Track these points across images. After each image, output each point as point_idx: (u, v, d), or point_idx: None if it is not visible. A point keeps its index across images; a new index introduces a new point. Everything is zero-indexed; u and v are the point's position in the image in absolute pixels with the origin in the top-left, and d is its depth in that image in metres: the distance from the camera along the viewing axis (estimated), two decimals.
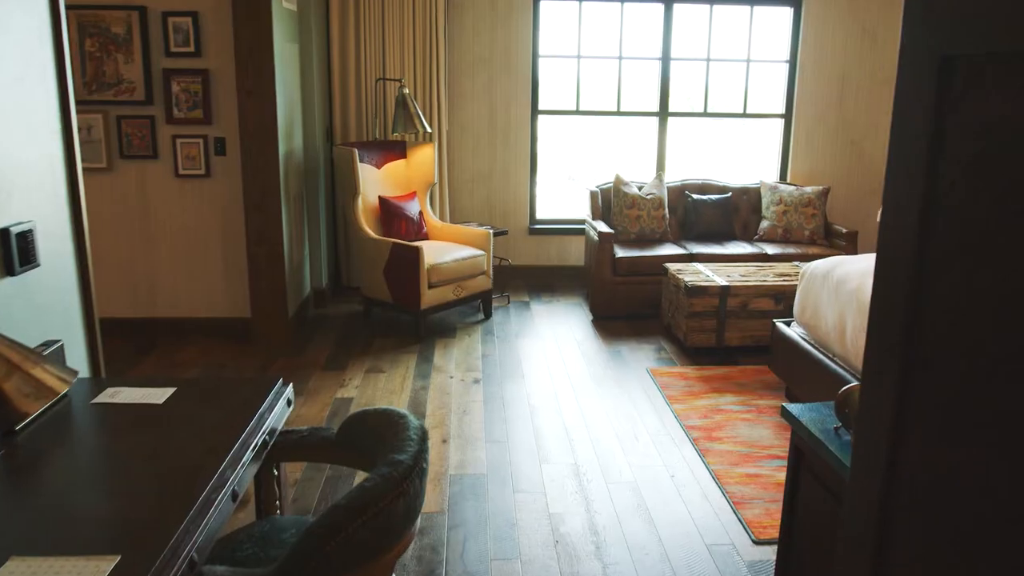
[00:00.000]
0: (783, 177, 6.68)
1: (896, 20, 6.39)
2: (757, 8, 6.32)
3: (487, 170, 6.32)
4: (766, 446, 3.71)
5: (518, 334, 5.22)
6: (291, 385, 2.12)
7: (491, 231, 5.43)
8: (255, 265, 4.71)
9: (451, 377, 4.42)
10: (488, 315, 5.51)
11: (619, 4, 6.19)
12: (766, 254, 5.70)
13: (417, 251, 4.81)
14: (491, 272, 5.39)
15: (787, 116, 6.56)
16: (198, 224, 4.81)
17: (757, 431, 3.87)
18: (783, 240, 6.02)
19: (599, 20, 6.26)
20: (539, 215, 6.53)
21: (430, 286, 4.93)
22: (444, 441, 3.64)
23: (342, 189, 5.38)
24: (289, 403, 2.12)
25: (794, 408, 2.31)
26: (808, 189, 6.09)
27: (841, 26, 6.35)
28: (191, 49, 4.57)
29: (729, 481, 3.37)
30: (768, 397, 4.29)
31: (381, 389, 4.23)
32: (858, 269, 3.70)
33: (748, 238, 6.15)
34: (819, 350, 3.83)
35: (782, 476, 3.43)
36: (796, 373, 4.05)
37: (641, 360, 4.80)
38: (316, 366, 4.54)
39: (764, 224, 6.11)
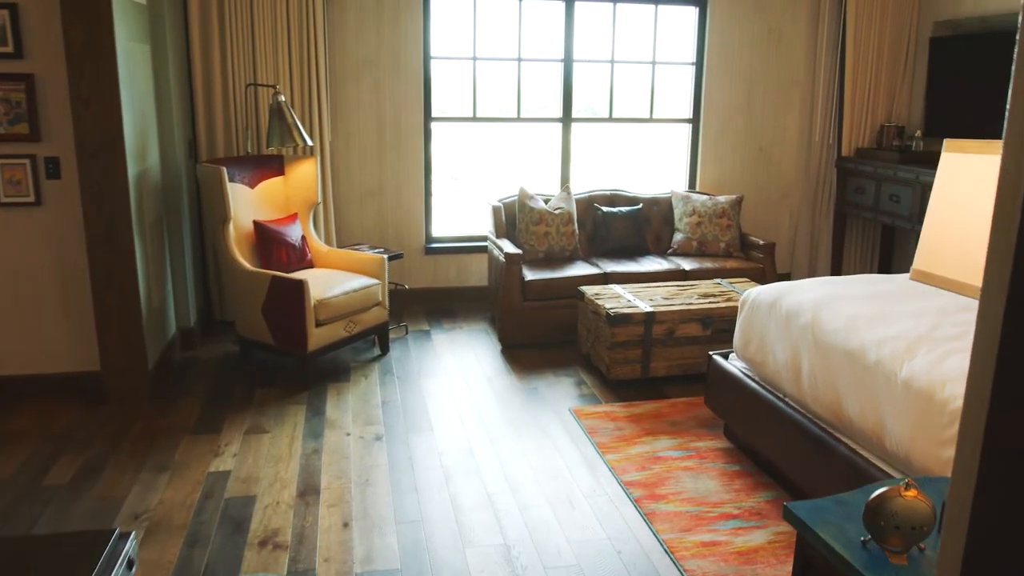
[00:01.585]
0: (692, 185, 6.35)
1: (801, 19, 6.16)
2: (662, 7, 5.95)
3: (377, 185, 5.68)
4: (715, 503, 3.28)
5: (421, 371, 4.62)
6: (134, 537, 1.48)
7: (385, 256, 4.80)
8: (104, 311, 3.91)
9: (348, 434, 3.79)
10: (385, 350, 4.89)
11: (517, 1, 5.68)
12: (683, 270, 5.33)
13: (301, 285, 4.13)
14: (387, 302, 4.77)
15: (694, 121, 6.23)
16: (28, 263, 3.96)
17: (702, 483, 3.44)
18: (698, 253, 5.67)
19: (496, 19, 5.73)
20: (435, 232, 5.95)
21: (318, 324, 4.27)
22: (346, 525, 3.01)
23: (210, 213, 4.63)
24: (131, 565, 1.49)
25: (802, 510, 1.84)
26: (721, 198, 5.77)
27: (747, 26, 6.06)
28: (9, 49, 3.73)
29: (684, 555, 2.90)
30: (706, 437, 3.88)
31: (264, 456, 3.55)
32: (809, 300, 3.31)
33: (662, 252, 5.78)
34: (766, 389, 3.43)
35: (740, 542, 3.00)
36: (737, 411, 3.64)
37: (561, 398, 4.30)
38: (184, 429, 3.80)
39: (678, 237, 5.75)
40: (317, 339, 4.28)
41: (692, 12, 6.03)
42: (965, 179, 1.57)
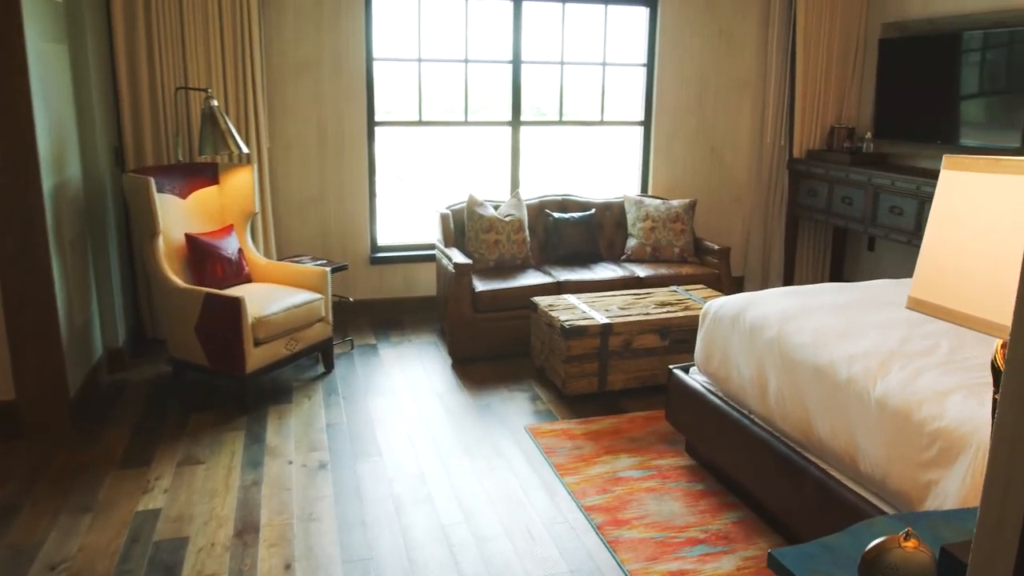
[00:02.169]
0: (644, 189, 6.23)
1: (751, 20, 6.08)
2: (612, 8, 5.81)
3: (319, 193, 5.42)
4: (681, 526, 3.12)
5: (367, 390, 4.39)
6: None
7: (328, 268, 4.55)
8: (18, 336, 3.59)
9: (290, 463, 3.54)
10: (330, 368, 4.64)
11: (463, 1, 5.47)
12: (638, 277, 5.19)
13: (237, 303, 3.87)
14: (331, 317, 4.53)
15: (646, 123, 6.11)
16: None
17: (666, 505, 3.28)
18: (652, 259, 5.54)
19: (441, 19, 5.52)
20: (381, 241, 5.71)
21: (257, 343, 4.01)
22: (288, 567, 2.78)
23: (137, 227, 4.33)
24: None
25: (788, 558, 1.68)
26: (675, 202, 5.65)
27: (698, 27, 5.96)
28: None
29: None
30: (667, 454, 3.73)
31: (199, 491, 3.28)
32: (774, 313, 3.18)
33: (615, 258, 5.64)
34: (731, 405, 3.30)
35: (709, 570, 2.85)
36: (700, 428, 3.50)
37: (516, 415, 4.11)
38: (110, 462, 3.51)
39: (631, 242, 5.61)
40: (256, 359, 4.01)
41: (643, 13, 5.90)
42: (968, 199, 1.41)
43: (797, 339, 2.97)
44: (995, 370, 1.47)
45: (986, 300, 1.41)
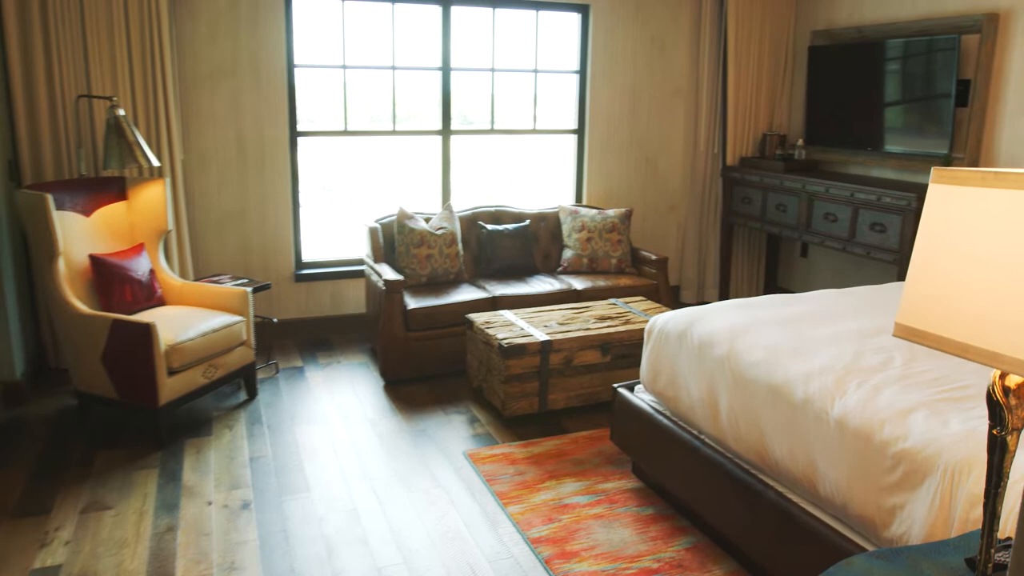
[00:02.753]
0: (579, 199, 6.10)
1: (683, 27, 6.02)
2: (543, 13, 5.66)
3: (239, 208, 5.10)
4: (633, 556, 2.96)
5: (294, 417, 4.11)
6: None
7: (250, 288, 4.26)
8: None
9: (209, 503, 3.25)
10: (253, 395, 4.34)
11: (390, 4, 5.24)
12: (575, 290, 5.04)
13: (148, 329, 3.55)
14: (253, 340, 4.23)
15: (579, 131, 5.98)
16: None
17: (616, 533, 3.11)
18: (589, 271, 5.40)
19: (367, 24, 5.27)
20: (306, 257, 5.42)
21: (171, 372, 3.70)
22: None
23: (35, 247, 3.96)
24: None
25: None
26: (611, 212, 5.53)
27: (630, 34, 5.87)
28: None
29: None
30: (614, 476, 3.57)
31: (106, 541, 2.96)
32: (724, 328, 3.05)
33: (551, 270, 5.48)
34: (680, 426, 3.15)
35: None
36: (648, 449, 3.35)
37: (453, 440, 3.90)
38: (2, 511, 3.16)
39: (567, 254, 5.46)
40: (170, 390, 3.70)
41: (574, 19, 5.77)
42: (961, 217, 1.27)
43: (749, 357, 2.84)
44: (992, 401, 1.34)
45: (983, 327, 1.25)
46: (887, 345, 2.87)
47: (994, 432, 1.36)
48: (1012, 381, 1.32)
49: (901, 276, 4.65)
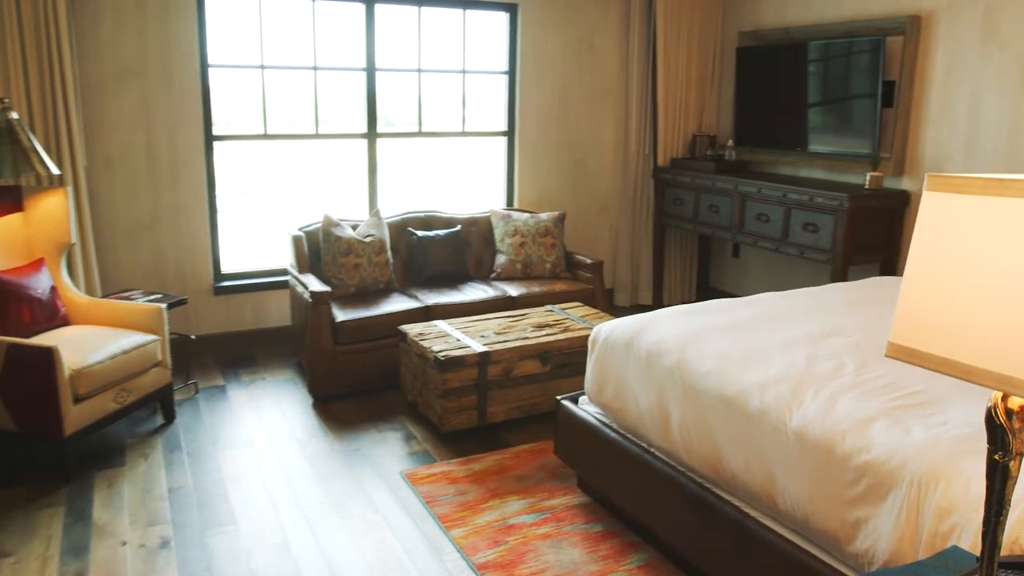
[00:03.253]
0: (510, 203, 5.96)
1: (612, 28, 5.95)
2: (471, 12, 5.50)
3: (151, 218, 4.77)
4: None
5: (216, 441, 3.84)
6: None
7: (164, 305, 3.96)
8: None
9: (124, 543, 2.97)
10: (171, 418, 4.04)
11: (310, 1, 4.99)
12: (510, 297, 4.90)
13: (49, 353, 3.24)
14: (169, 359, 3.94)
15: (510, 133, 5.84)
16: None
17: (565, 553, 2.97)
18: (524, 276, 5.27)
19: (286, 21, 5.01)
20: (226, 268, 5.12)
21: (77, 399, 3.38)
22: None
23: None
24: None
25: None
26: (543, 216, 5.40)
27: (559, 34, 5.76)
28: None
29: None
30: (559, 492, 3.43)
31: None
32: (671, 337, 2.95)
33: (484, 277, 5.32)
34: (628, 439, 3.03)
35: None
36: (594, 463, 3.23)
37: (389, 459, 3.70)
38: None
39: (501, 259, 5.31)
40: (77, 418, 3.39)
41: (503, 18, 5.63)
42: (960, 227, 1.15)
43: (700, 367, 2.74)
44: (994, 425, 1.24)
45: (990, 348, 1.13)
46: (837, 349, 2.82)
47: (996, 457, 1.26)
48: (1015, 403, 1.23)
49: (835, 276, 4.67)
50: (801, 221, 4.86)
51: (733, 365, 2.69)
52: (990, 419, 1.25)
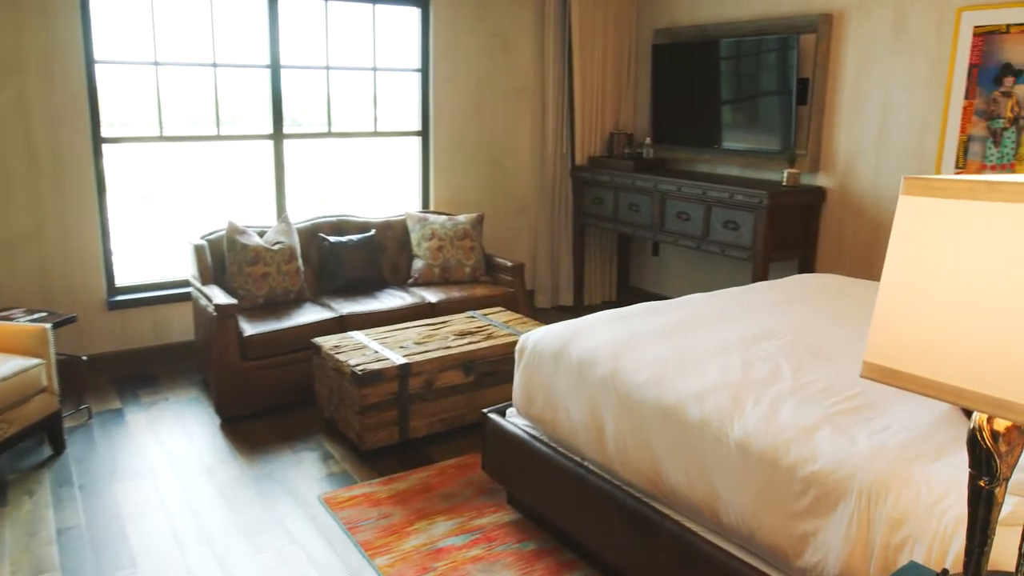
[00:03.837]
0: (426, 205, 5.75)
1: (526, 24, 5.82)
2: (380, 7, 5.27)
3: (33, 228, 4.37)
4: None
5: (114, 472, 3.52)
6: None
7: (49, 325, 3.61)
8: None
9: None
10: (60, 449, 3.68)
11: None
12: (429, 303, 4.71)
13: None
14: (56, 384, 3.60)
15: (424, 133, 5.64)
16: None
17: None
18: (442, 281, 5.08)
19: (182, 14, 4.67)
20: (121, 281, 4.75)
21: None
22: None
23: None
24: None
25: None
26: (461, 218, 5.23)
27: (472, 30, 5.59)
28: None
29: None
30: (488, 510, 3.27)
31: None
32: (603, 345, 2.82)
33: (401, 283, 5.11)
34: (560, 452, 2.89)
35: None
36: (525, 478, 3.08)
37: (306, 482, 3.46)
38: None
39: (418, 264, 5.11)
40: None
41: (414, 13, 5.42)
42: (943, 235, 1.04)
43: (634, 376, 2.62)
44: (979, 449, 1.14)
45: (980, 368, 1.01)
46: (771, 352, 2.74)
47: (980, 484, 1.16)
48: (1001, 424, 1.13)
49: (756, 273, 4.66)
50: (722, 219, 4.83)
51: (669, 373, 2.58)
52: (974, 442, 1.15)
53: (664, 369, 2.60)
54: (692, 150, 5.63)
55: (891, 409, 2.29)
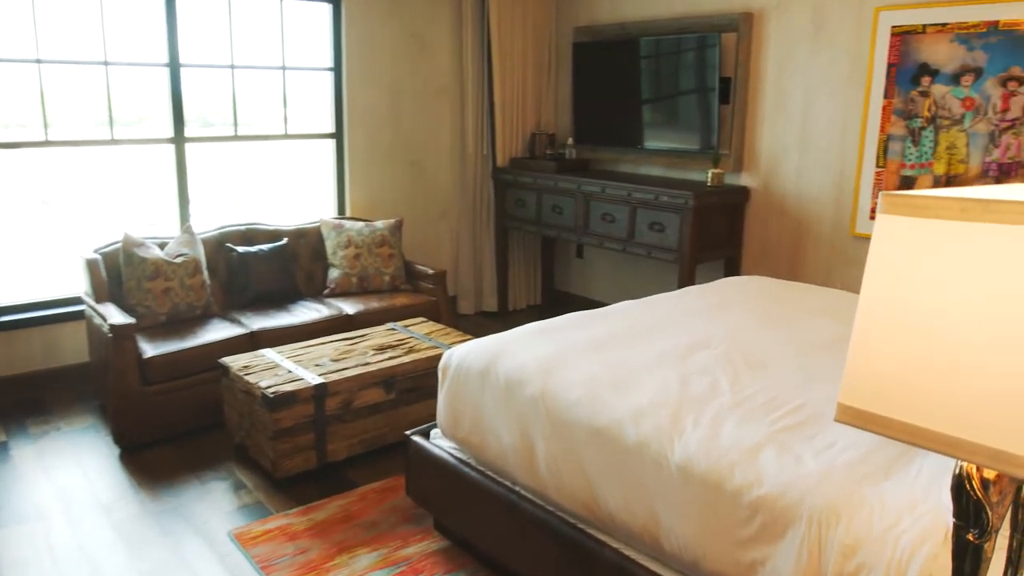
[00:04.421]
0: (342, 211, 5.49)
1: (444, 22, 5.61)
2: (289, 2, 4.98)
3: None
4: None
5: None
6: None
7: None
8: None
9: None
10: None
11: None
12: (347, 315, 4.47)
13: None
14: None
15: (338, 135, 5.37)
16: None
17: None
18: (360, 291, 4.84)
19: (68, 8, 4.29)
20: (3, 300, 4.34)
21: None
22: None
23: None
24: None
25: None
26: (379, 224, 5.00)
27: (387, 28, 5.35)
28: None
29: None
30: (414, 538, 3.06)
31: None
32: (532, 362, 2.65)
33: (317, 294, 4.84)
34: (490, 476, 2.71)
35: None
36: (452, 504, 2.89)
37: (215, 516, 3.19)
38: None
39: (334, 274, 4.86)
40: None
41: (325, 9, 5.15)
42: (927, 260, 0.89)
43: (566, 395, 2.46)
44: (968, 500, 1.01)
45: (974, 415, 0.85)
46: (708, 364, 2.63)
47: (969, 538, 1.03)
48: (990, 471, 1.00)
49: (682, 275, 4.58)
50: (647, 220, 4.74)
51: (603, 391, 2.43)
52: (960, 491, 1.02)
53: (597, 387, 2.45)
54: (615, 150, 5.54)
55: (833, 424, 2.19)
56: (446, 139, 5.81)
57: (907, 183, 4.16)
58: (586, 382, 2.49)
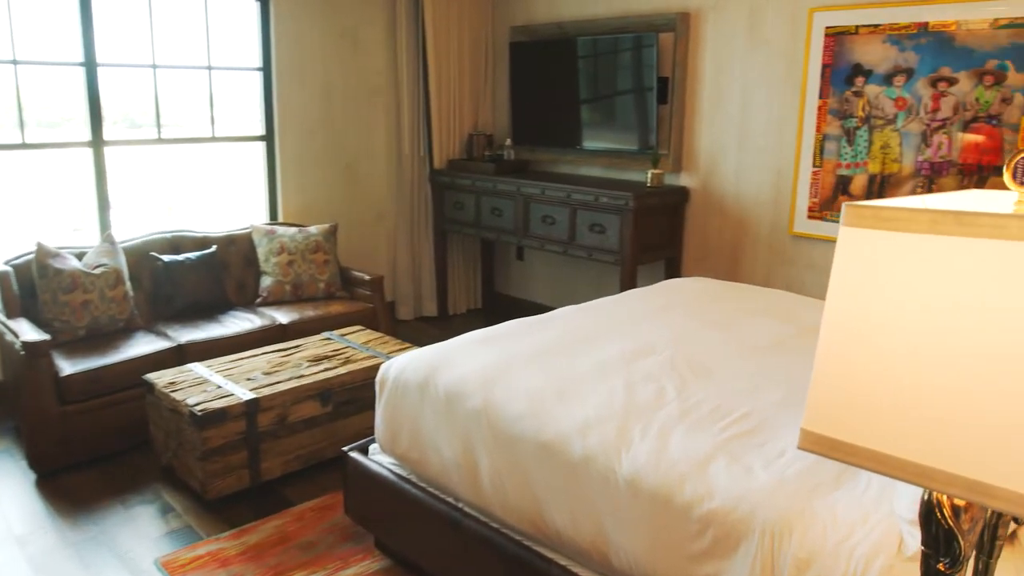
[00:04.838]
0: (273, 216, 5.30)
1: (377, 21, 5.47)
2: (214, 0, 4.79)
3: None
4: None
5: None
6: None
7: None
8: None
9: None
10: None
11: None
12: (280, 325, 4.30)
13: None
14: None
15: (268, 138, 5.18)
16: None
17: None
18: (294, 299, 4.67)
19: None
20: None
21: None
22: None
23: None
24: None
25: None
26: (313, 229, 4.83)
27: (318, 26, 5.18)
28: None
29: None
30: (354, 558, 2.94)
31: None
32: (473, 373, 2.55)
33: (248, 303, 4.66)
34: (432, 493, 2.61)
35: None
36: (394, 523, 2.77)
37: (141, 544, 3.00)
38: None
39: (267, 282, 4.68)
40: None
41: (252, 7, 4.95)
42: (896, 278, 0.82)
43: (509, 408, 2.37)
44: (938, 529, 0.95)
45: (953, 445, 0.77)
46: (653, 371, 2.57)
47: (940, 567, 0.97)
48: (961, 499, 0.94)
49: (624, 276, 4.53)
50: (588, 222, 4.68)
51: (548, 403, 2.34)
52: (930, 519, 0.96)
53: (540, 398, 2.37)
54: (554, 151, 5.47)
55: (781, 431, 2.15)
56: (381, 141, 5.67)
57: (843, 182, 4.19)
58: (529, 393, 2.40)
